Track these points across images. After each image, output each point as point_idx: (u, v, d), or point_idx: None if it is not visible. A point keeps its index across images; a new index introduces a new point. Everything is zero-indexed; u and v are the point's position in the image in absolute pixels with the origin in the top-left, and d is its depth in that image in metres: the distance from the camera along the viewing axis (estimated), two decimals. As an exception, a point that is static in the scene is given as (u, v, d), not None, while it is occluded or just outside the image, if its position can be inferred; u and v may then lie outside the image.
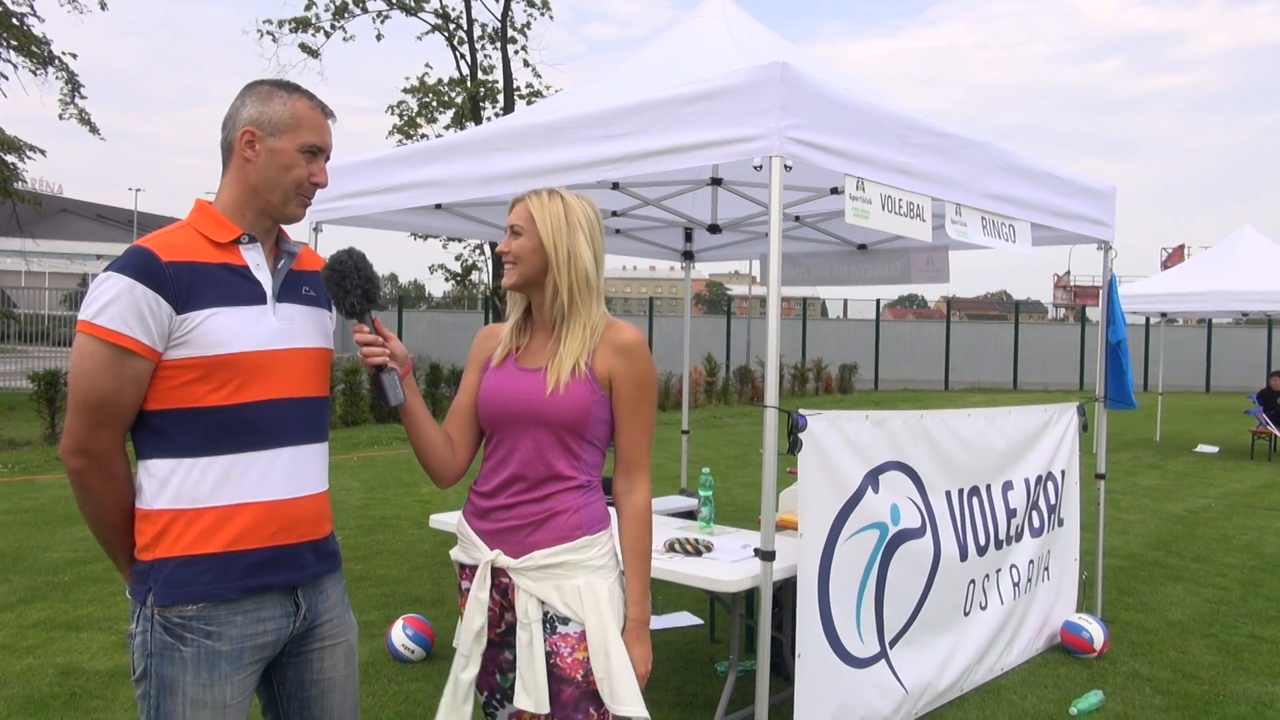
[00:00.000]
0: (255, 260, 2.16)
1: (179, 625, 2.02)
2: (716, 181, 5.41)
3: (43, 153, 19.10)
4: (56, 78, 19.39)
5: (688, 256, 6.89)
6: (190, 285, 2.04)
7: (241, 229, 2.16)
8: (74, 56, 19.55)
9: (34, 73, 19.02)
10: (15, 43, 18.51)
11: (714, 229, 5.90)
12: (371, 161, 4.71)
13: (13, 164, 18.77)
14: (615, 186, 5.07)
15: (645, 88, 3.90)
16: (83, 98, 19.83)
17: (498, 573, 2.31)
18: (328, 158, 2.23)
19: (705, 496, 4.57)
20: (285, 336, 2.14)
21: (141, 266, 2.02)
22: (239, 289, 2.10)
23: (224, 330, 2.05)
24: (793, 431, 3.50)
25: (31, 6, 18.59)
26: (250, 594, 2.06)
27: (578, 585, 2.26)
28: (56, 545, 7.14)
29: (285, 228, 2.26)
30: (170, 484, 2.03)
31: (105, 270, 2.03)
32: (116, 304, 2.00)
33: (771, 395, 3.32)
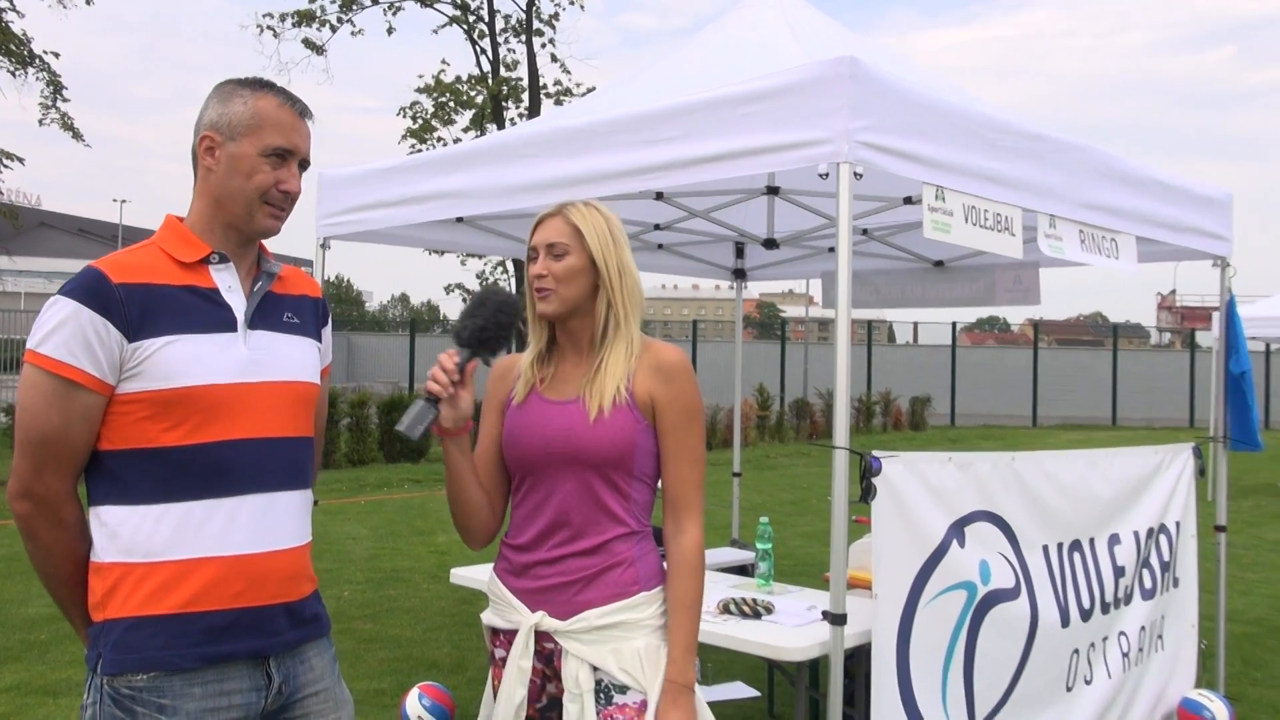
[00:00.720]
0: (227, 282, 2.14)
1: (128, 698, 1.98)
2: (773, 191, 5.41)
3: (21, 161, 19.57)
4: (37, 79, 19.87)
5: (739, 274, 6.87)
6: (144, 309, 2.02)
7: (211, 247, 2.14)
8: (56, 56, 20.02)
9: (13, 74, 19.52)
10: (-8, 41, 19.02)
11: (770, 244, 5.89)
12: (384, 170, 4.76)
13: (-12, 174, 19.27)
14: (659, 197, 5.07)
15: (692, 86, 3.90)
16: (65, 100, 20.32)
17: (541, 637, 2.29)
18: (306, 163, 2.22)
19: (764, 550, 4.53)
20: (257, 368, 2.11)
21: (89, 289, 2.01)
22: (203, 314, 2.08)
23: (181, 360, 2.02)
24: (865, 476, 3.46)
25: (10, 1, 19.09)
26: (210, 663, 2.01)
27: (638, 649, 2.24)
28: (32, 599, 7.21)
29: (269, 245, 2.25)
30: (122, 534, 2.01)
31: (56, 293, 2.03)
32: (62, 331, 1.99)
33: (841, 434, 3.28)
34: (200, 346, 2.05)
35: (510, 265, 21.73)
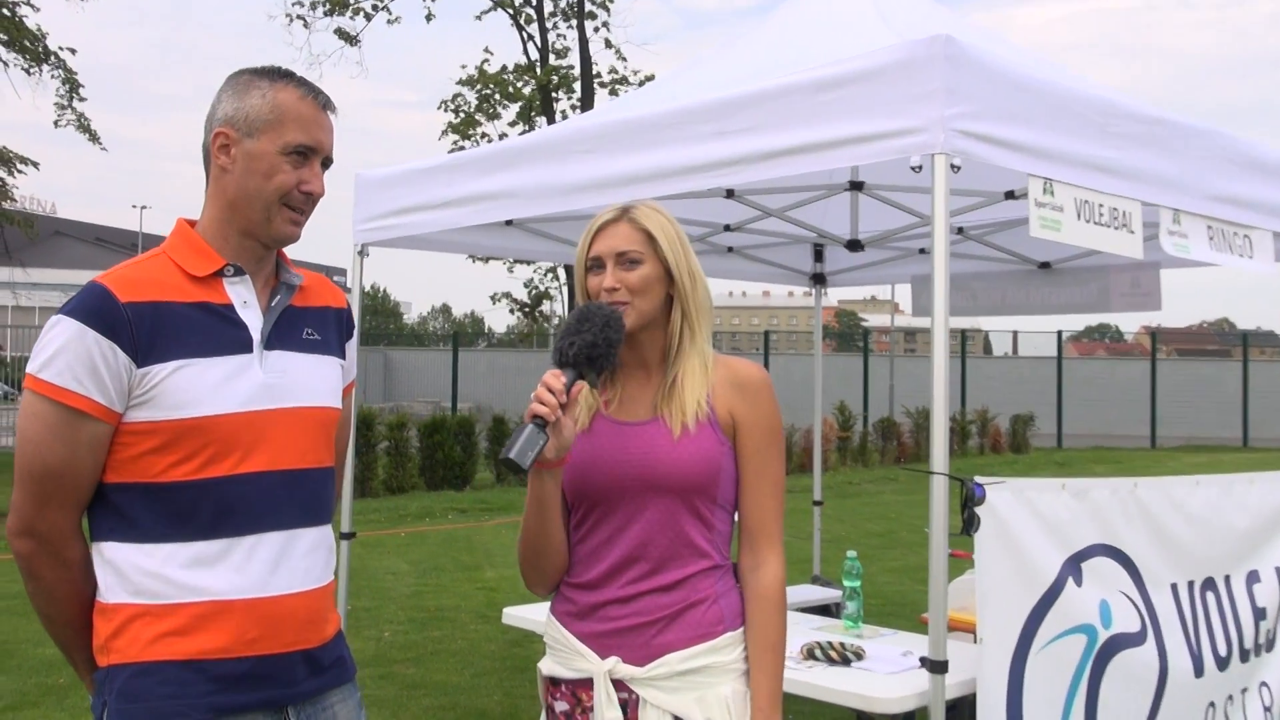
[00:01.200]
0: (242, 297, 2.15)
1: None
2: (857, 186, 5.38)
3: (35, 165, 20.12)
4: (53, 77, 20.44)
5: (818, 280, 6.85)
6: (154, 331, 2.03)
7: (225, 258, 2.15)
8: (72, 52, 20.56)
9: (27, 71, 20.09)
10: (5, 36, 19.58)
11: (854, 245, 5.85)
12: (425, 170, 4.80)
13: (1, 179, 19.80)
14: (730, 195, 5.07)
15: (767, 72, 3.89)
16: (81, 100, 20.86)
17: (614, 686, 2.28)
18: (328, 161, 2.22)
19: (852, 588, 4.48)
20: (274, 393, 2.12)
21: (94, 308, 2.02)
22: (217, 334, 2.09)
23: (193, 387, 2.03)
24: (966, 504, 3.41)
25: (25, -6, 19.63)
26: (222, 714, 2.01)
27: (724, 695, 2.22)
28: (48, 639, 7.38)
29: (287, 252, 2.26)
30: (128, 574, 2.03)
31: (57, 313, 2.04)
32: (65, 354, 1.99)
33: (940, 457, 3.25)
34: (213, 372, 2.06)
35: (562, 272, 21.85)
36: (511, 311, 23.44)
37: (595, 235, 2.39)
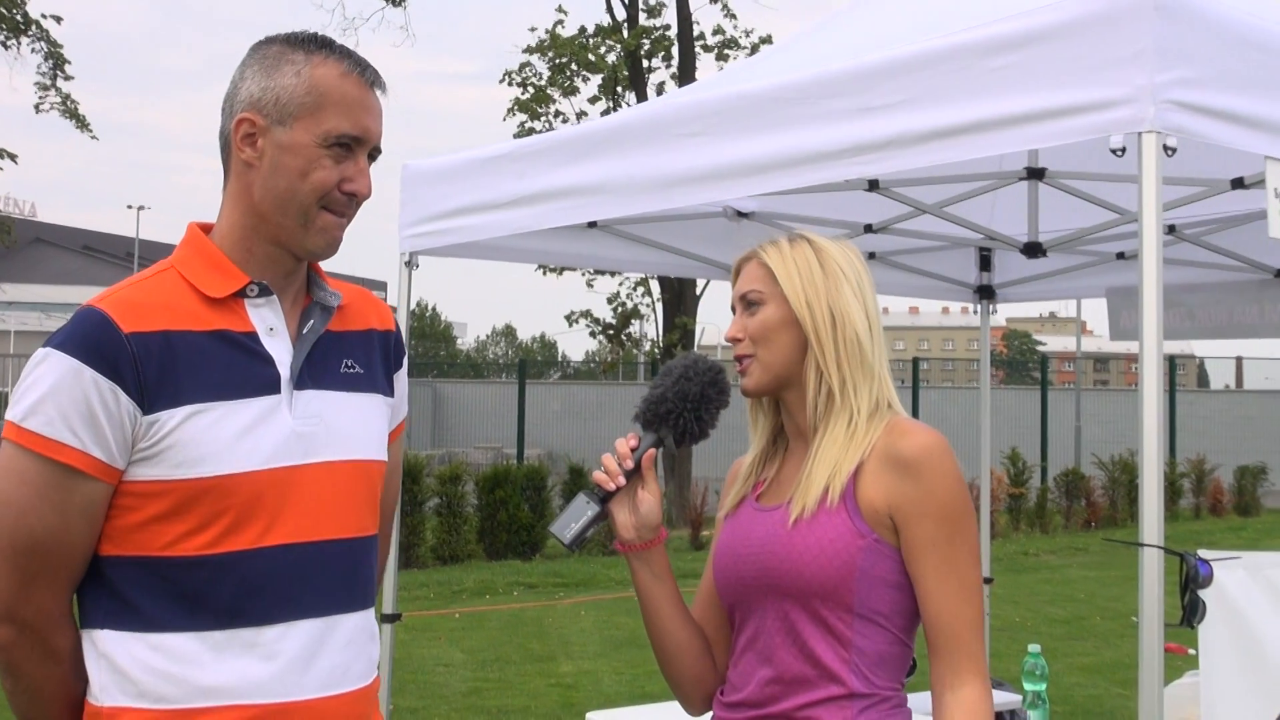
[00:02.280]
0: (268, 322, 2.17)
1: None
2: (1036, 174, 5.31)
3: (13, 158, 20.78)
4: (33, 51, 21.14)
5: (984, 293, 6.78)
6: (164, 368, 2.05)
7: (248, 275, 2.16)
8: (57, 21, 21.24)
9: (3, 45, 20.80)
10: (-23, 2, 20.28)
11: (1033, 249, 5.76)
12: (487, 160, 4.84)
13: (-31, 177, 20.50)
14: (873, 187, 5.03)
15: (920, 31, 3.87)
16: (67, 78, 21.53)
17: None
18: (376, 152, 2.23)
19: (1035, 693, 4.41)
20: (307, 444, 2.14)
21: (92, 340, 2.03)
22: (238, 372, 2.11)
23: (209, 439, 2.05)
24: (1186, 586, 3.32)
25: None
26: None
27: None
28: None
29: (324, 265, 2.29)
30: (129, 671, 2.04)
31: (44, 345, 2.06)
32: (56, 398, 2.01)
33: (1152, 524, 3.15)
34: (234, 419, 2.08)
35: (655, 285, 21.92)
36: (592, 335, 23.47)
37: (734, 279, 2.50)
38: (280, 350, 2.16)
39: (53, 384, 2.01)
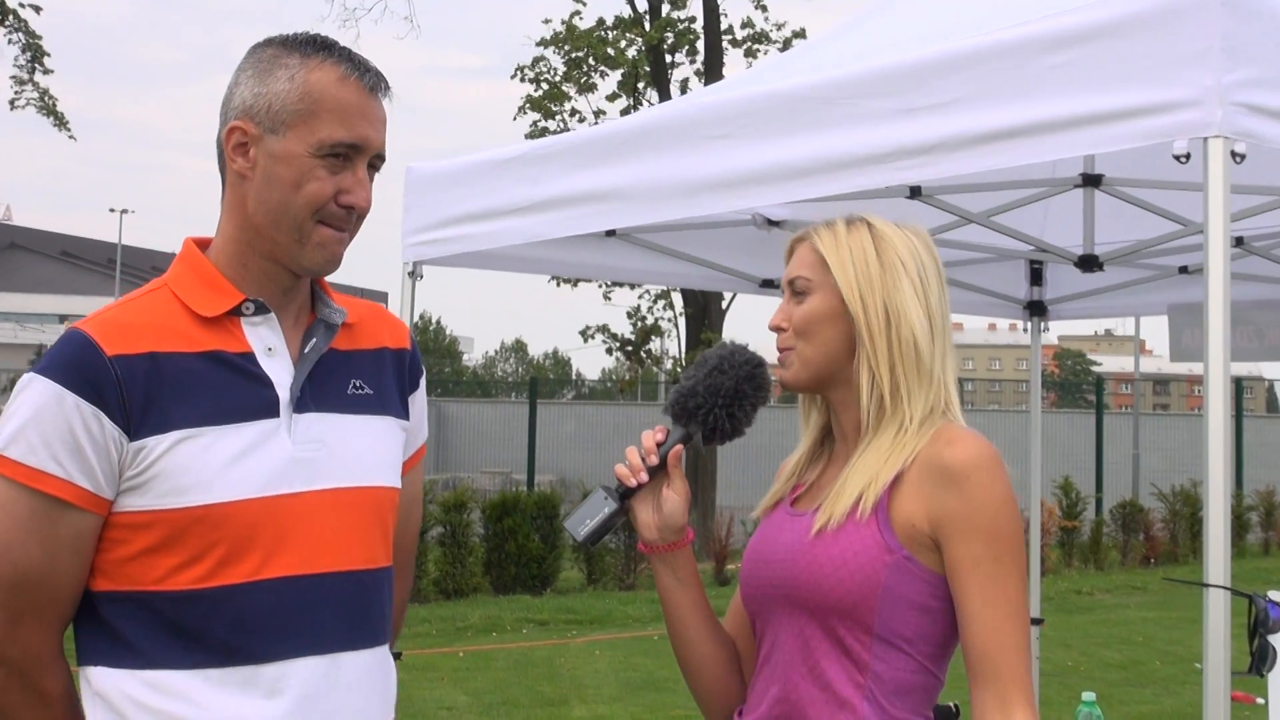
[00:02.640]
0: (266, 342, 2.19)
1: None
2: (1092, 181, 5.29)
3: (-13, 158, 20.88)
4: (10, 42, 21.23)
5: (1035, 309, 6.77)
6: (150, 392, 2.07)
7: (243, 292, 2.19)
8: (36, 10, 21.32)
9: (-23, 35, 20.89)
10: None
11: (1087, 263, 5.73)
12: (498, 163, 4.84)
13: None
14: (916, 194, 5.01)
15: (968, 25, 3.86)
16: (46, 72, 21.62)
17: None
18: (379, 161, 2.25)
19: (1088, 745, 4.35)
20: (308, 471, 2.16)
21: (74, 363, 2.06)
22: (232, 394, 2.13)
23: (199, 465, 2.08)
24: (1256, 630, 3.29)
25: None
26: None
27: None
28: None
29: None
30: (123, 709, 2.07)
31: (29, 371, 2.09)
32: (38, 425, 2.03)
33: (1218, 562, 3.12)
34: (225, 444, 2.09)
35: (678, 298, 21.92)
36: (609, 352, 23.48)
37: (786, 259, 2.49)
38: (279, 371, 2.18)
39: (34, 411, 2.04)
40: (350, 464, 2.21)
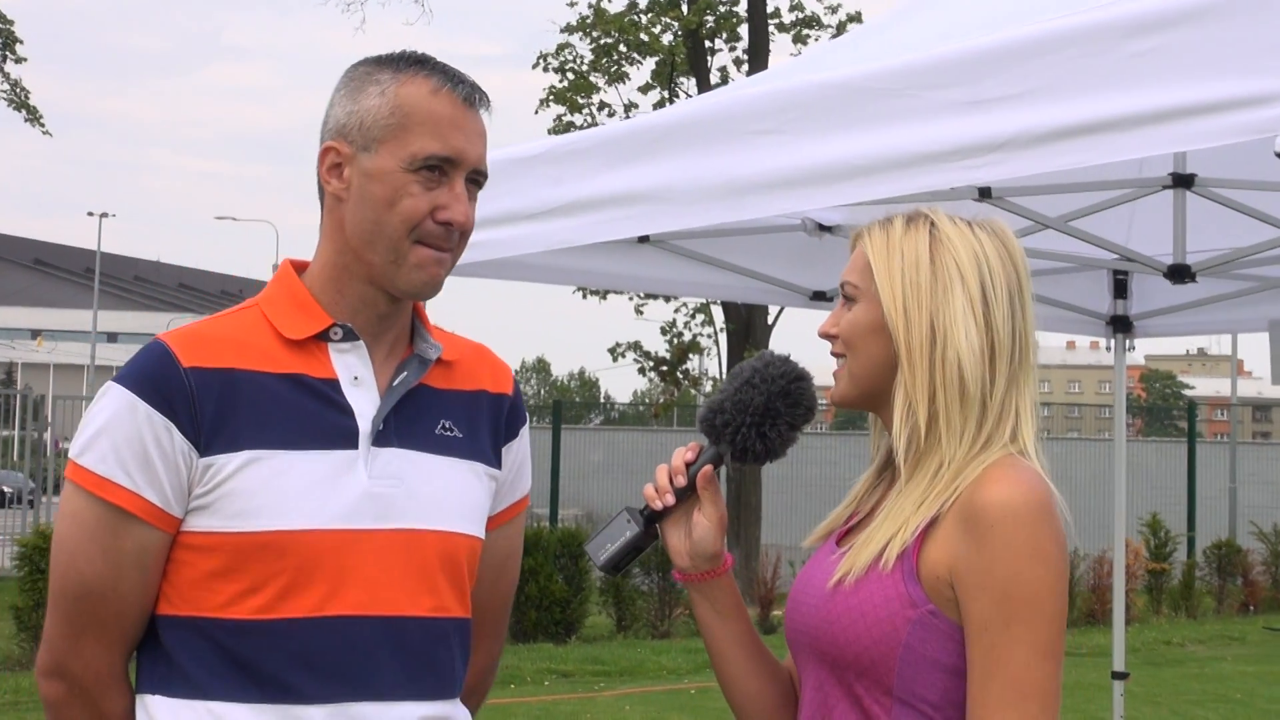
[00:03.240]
0: (353, 370, 2.28)
1: None
2: (1183, 182, 5.27)
3: (-47, 157, 21.07)
4: (-22, 28, 21.37)
5: (1119, 325, 6.73)
6: (223, 407, 2.17)
7: (333, 316, 2.28)
8: (8, -8, 21.45)
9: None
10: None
11: (1178, 273, 5.71)
12: (518, 162, 4.85)
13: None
14: (985, 195, 5.00)
15: (1041, 9, 3.87)
16: (19, 60, 21.78)
17: None
18: (480, 178, 2.35)
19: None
20: (381, 507, 2.24)
21: (149, 374, 2.18)
22: (310, 420, 2.22)
23: (268, 489, 2.17)
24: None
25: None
26: None
27: None
28: None
29: (426, 309, 2.41)
30: None
31: (110, 380, 2.21)
32: (110, 434, 2.15)
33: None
34: (299, 470, 2.18)
35: (718, 312, 21.90)
36: (641, 371, 23.49)
37: (852, 247, 2.46)
38: (363, 401, 2.26)
39: (108, 419, 2.16)
40: (427, 505, 2.28)
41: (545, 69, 23.41)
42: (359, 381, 2.26)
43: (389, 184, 2.23)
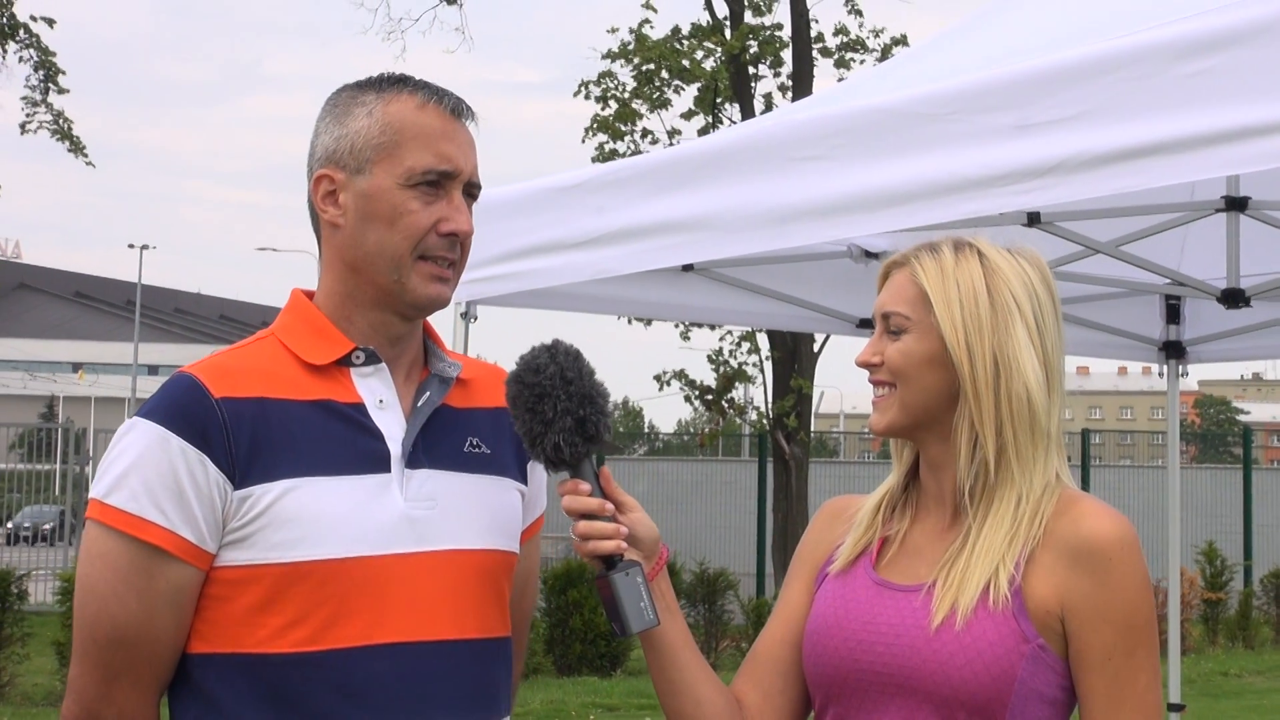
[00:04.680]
0: (377, 394, 2.28)
1: None
2: (1237, 205, 5.25)
3: (-6, 189, 21.21)
4: (21, 60, 21.56)
5: (1172, 350, 6.72)
6: (258, 438, 2.18)
7: (353, 341, 2.29)
8: (50, 24, 21.65)
9: (-14, 53, 21.23)
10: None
11: (1232, 298, 5.68)
12: (561, 190, 4.87)
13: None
14: (1034, 221, 4.98)
15: (1091, 30, 3.85)
16: (61, 92, 21.92)
17: None
18: (473, 188, 2.34)
19: None
20: (421, 529, 2.24)
21: (179, 406, 2.17)
22: (343, 446, 2.22)
23: (308, 518, 2.17)
24: None
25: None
26: None
27: None
28: None
29: (436, 329, 2.41)
30: None
31: (134, 415, 2.20)
32: (141, 470, 2.14)
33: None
34: (336, 497, 2.19)
35: (764, 340, 21.89)
36: (687, 400, 23.44)
37: (880, 284, 2.46)
38: (391, 424, 2.27)
39: (138, 455, 2.15)
40: (465, 525, 2.30)
41: (587, 97, 23.44)
42: (384, 404, 2.27)
43: (388, 202, 2.24)
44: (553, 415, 2.21)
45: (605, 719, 13.58)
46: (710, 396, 22.77)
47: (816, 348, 21.52)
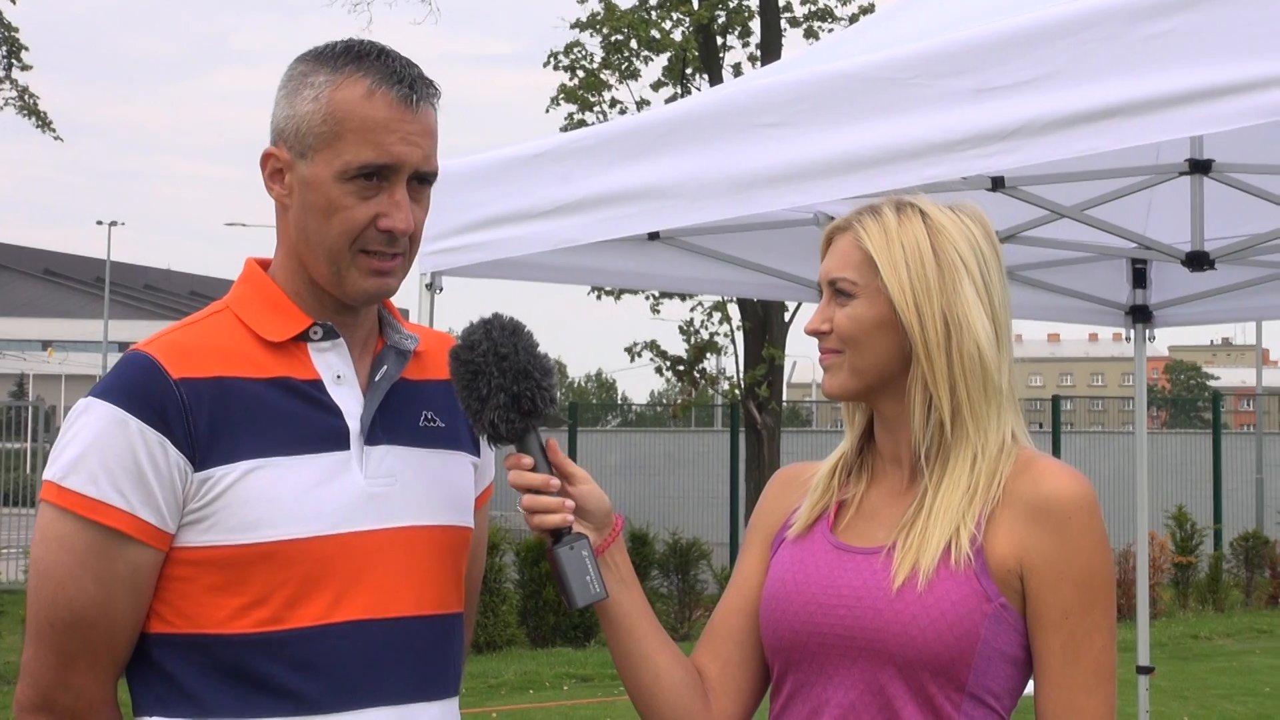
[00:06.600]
0: (335, 369, 2.26)
1: None
2: (1201, 167, 5.25)
3: (-40, 167, 21.11)
4: (-16, 36, 21.42)
5: (1139, 315, 6.75)
6: (217, 418, 2.15)
7: (309, 316, 2.27)
8: (12, 0, 21.53)
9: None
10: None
11: (1197, 261, 5.70)
12: (528, 159, 4.86)
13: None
14: (998, 185, 4.99)
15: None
16: (25, 68, 21.81)
17: None
18: (424, 178, 2.28)
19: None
20: (381, 507, 2.23)
21: (137, 387, 2.14)
22: (302, 424, 2.21)
23: (269, 498, 2.15)
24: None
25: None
26: None
27: None
28: None
29: (395, 300, 2.39)
30: None
31: (87, 395, 2.16)
32: (98, 452, 2.11)
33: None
34: (296, 476, 2.17)
35: (735, 310, 21.89)
36: (659, 372, 23.44)
37: (824, 250, 2.44)
38: (349, 400, 2.26)
39: (95, 437, 2.12)
40: (423, 501, 2.29)
41: (556, 67, 23.36)
42: (341, 380, 2.25)
43: (324, 195, 2.20)
44: (487, 392, 2.21)
45: (579, 690, 13.58)
46: (682, 367, 22.77)
47: (787, 318, 21.50)
